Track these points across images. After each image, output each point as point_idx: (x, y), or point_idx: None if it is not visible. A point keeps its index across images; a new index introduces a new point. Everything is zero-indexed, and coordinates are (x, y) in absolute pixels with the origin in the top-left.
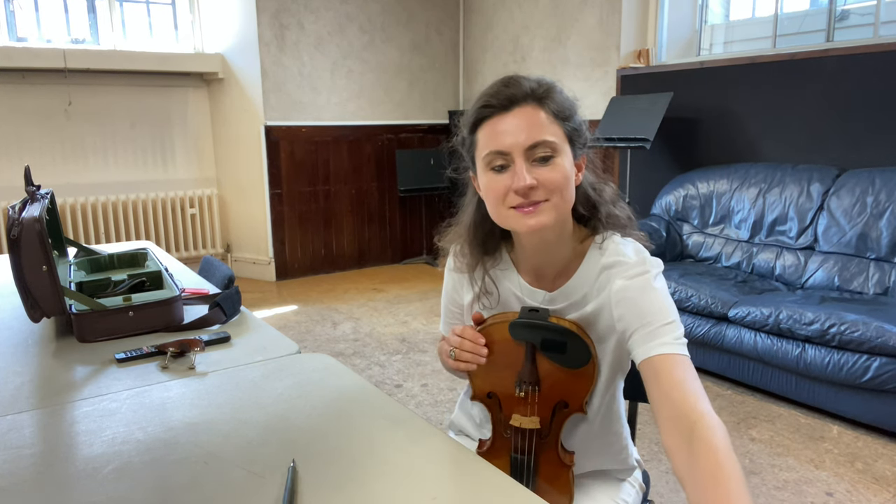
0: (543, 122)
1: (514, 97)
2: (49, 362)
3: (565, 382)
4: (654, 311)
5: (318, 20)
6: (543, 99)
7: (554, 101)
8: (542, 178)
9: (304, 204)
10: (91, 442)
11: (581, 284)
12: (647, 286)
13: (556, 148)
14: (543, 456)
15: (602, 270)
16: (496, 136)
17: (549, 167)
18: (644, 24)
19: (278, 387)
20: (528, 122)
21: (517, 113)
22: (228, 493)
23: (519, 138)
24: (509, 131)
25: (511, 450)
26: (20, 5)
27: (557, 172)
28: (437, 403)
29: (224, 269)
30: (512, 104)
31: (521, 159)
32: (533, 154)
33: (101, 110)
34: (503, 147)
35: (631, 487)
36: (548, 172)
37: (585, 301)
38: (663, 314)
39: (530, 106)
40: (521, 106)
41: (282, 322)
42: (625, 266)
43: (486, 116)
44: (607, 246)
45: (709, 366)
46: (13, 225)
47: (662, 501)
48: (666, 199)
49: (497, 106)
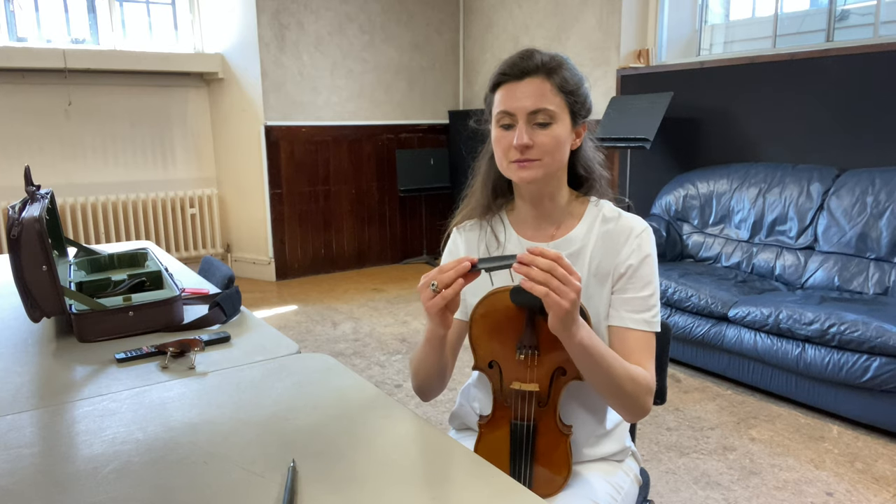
0: (547, 93)
1: (527, 69)
2: (49, 362)
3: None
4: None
5: (318, 20)
6: (552, 72)
7: (560, 75)
8: (537, 141)
9: (304, 204)
10: (91, 442)
11: (580, 236)
12: (650, 255)
13: (555, 116)
14: (542, 424)
15: (603, 222)
16: (507, 99)
17: (546, 132)
18: (644, 24)
19: (278, 387)
20: (534, 92)
21: (527, 82)
22: (228, 493)
23: (525, 103)
24: (517, 97)
25: (511, 417)
26: (20, 5)
27: (551, 137)
28: (437, 403)
29: (224, 268)
30: (524, 74)
31: (524, 122)
32: (534, 118)
33: (100, 110)
34: (511, 108)
35: (626, 476)
36: (543, 136)
37: (584, 250)
38: (653, 287)
39: (539, 78)
40: (532, 77)
41: (282, 322)
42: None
43: (502, 81)
44: (604, 205)
45: (709, 366)
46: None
47: (662, 501)
48: (666, 198)
49: (511, 74)
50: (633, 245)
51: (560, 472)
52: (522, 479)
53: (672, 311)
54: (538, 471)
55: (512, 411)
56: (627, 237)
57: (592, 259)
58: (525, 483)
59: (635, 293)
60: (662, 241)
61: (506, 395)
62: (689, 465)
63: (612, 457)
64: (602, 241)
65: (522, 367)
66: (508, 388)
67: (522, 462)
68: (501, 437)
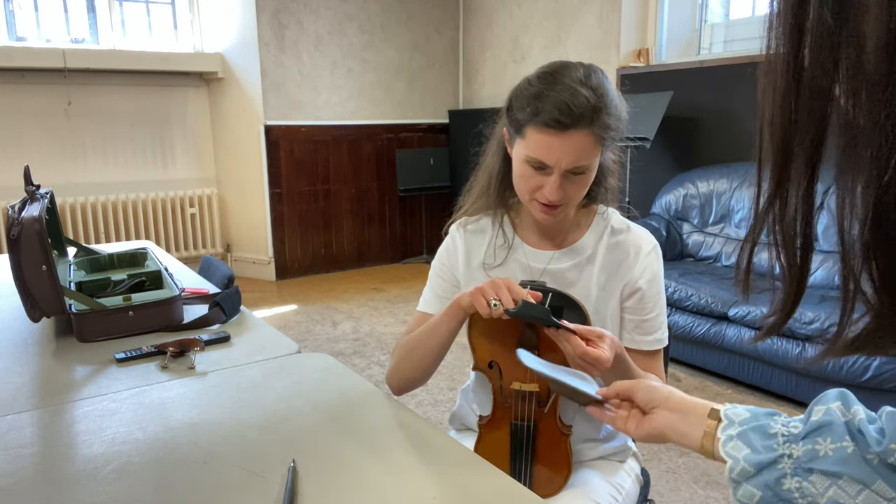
0: (588, 147)
1: (572, 122)
2: (49, 362)
3: None
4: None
5: (318, 19)
6: (595, 119)
7: (603, 121)
8: (569, 193)
9: (304, 203)
10: (91, 442)
11: (590, 245)
12: (658, 274)
13: (591, 165)
14: (543, 424)
15: (612, 234)
16: (545, 150)
17: (579, 179)
18: (644, 23)
19: (278, 386)
20: (574, 147)
21: (571, 135)
22: (228, 493)
23: (563, 160)
24: (556, 152)
25: (511, 418)
26: (20, 5)
27: (583, 186)
28: (437, 403)
29: (224, 268)
30: (567, 128)
31: (558, 175)
32: (570, 170)
33: (100, 110)
34: (548, 161)
35: (627, 476)
36: (574, 186)
37: (594, 259)
38: (661, 305)
39: (583, 132)
40: (576, 130)
41: (282, 322)
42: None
43: (541, 127)
44: (611, 215)
45: (709, 365)
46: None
47: (662, 501)
48: (666, 198)
49: (555, 126)
50: (643, 264)
51: (560, 472)
52: (523, 479)
53: (672, 311)
54: (538, 471)
55: (512, 411)
56: (637, 255)
57: (601, 273)
58: (525, 483)
59: (646, 315)
60: (662, 241)
61: (506, 395)
62: (689, 464)
63: (613, 457)
64: (610, 253)
65: (522, 368)
66: (508, 389)
67: (522, 462)
68: (501, 437)
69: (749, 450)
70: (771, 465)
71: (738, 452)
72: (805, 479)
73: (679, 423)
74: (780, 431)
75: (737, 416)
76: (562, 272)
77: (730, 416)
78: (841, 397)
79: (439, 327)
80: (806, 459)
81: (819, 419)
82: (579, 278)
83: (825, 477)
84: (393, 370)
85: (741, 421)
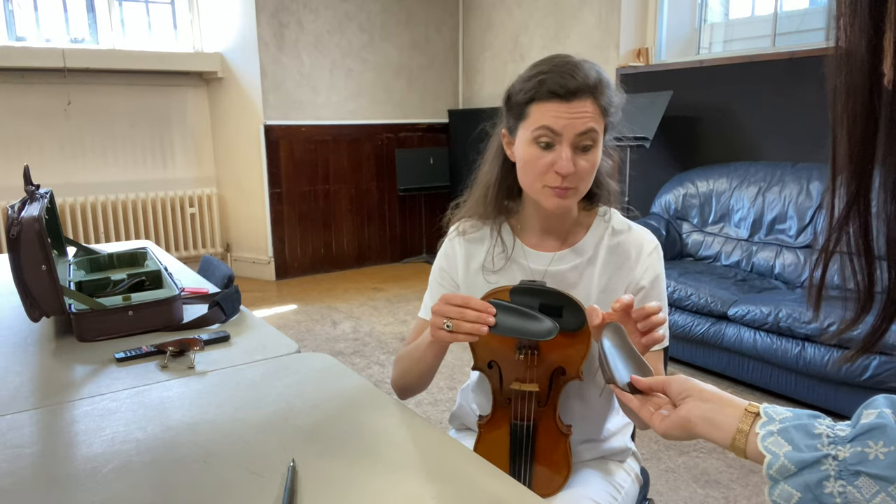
0: (594, 114)
1: (578, 90)
2: (49, 362)
3: (562, 346)
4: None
5: (318, 19)
6: (597, 92)
7: (605, 96)
8: (579, 167)
9: (304, 203)
10: (91, 441)
11: (591, 245)
12: (660, 275)
13: (597, 139)
14: (542, 424)
15: (613, 234)
16: (553, 117)
17: (587, 156)
18: (643, 22)
19: (278, 386)
20: (583, 112)
21: (576, 103)
22: (228, 492)
23: (575, 124)
24: (566, 116)
25: (511, 417)
26: (19, 4)
27: (591, 163)
28: (437, 403)
29: (224, 268)
30: (572, 95)
31: (568, 144)
32: (579, 141)
33: (100, 110)
34: (558, 127)
35: (626, 475)
36: (584, 161)
37: (595, 260)
38: (663, 305)
39: (587, 101)
40: (581, 98)
41: (281, 321)
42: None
43: (546, 98)
44: (613, 215)
45: (708, 364)
46: (13, 224)
47: (662, 500)
48: (665, 197)
49: (560, 94)
50: (645, 265)
51: (560, 472)
52: (522, 479)
53: (672, 310)
54: (538, 470)
55: (512, 411)
56: (638, 255)
57: (602, 274)
58: (525, 483)
59: None
60: (662, 240)
61: (505, 395)
62: (688, 463)
63: (613, 456)
64: (611, 254)
65: (522, 367)
66: (508, 388)
67: (522, 462)
68: (501, 437)
69: (790, 447)
70: (814, 464)
71: (778, 448)
72: (850, 484)
73: (712, 413)
74: (824, 432)
75: (777, 414)
76: (562, 273)
77: (770, 413)
78: (891, 404)
79: (426, 356)
80: (854, 462)
81: (870, 422)
82: (580, 280)
83: (874, 481)
84: (395, 380)
85: (782, 419)
